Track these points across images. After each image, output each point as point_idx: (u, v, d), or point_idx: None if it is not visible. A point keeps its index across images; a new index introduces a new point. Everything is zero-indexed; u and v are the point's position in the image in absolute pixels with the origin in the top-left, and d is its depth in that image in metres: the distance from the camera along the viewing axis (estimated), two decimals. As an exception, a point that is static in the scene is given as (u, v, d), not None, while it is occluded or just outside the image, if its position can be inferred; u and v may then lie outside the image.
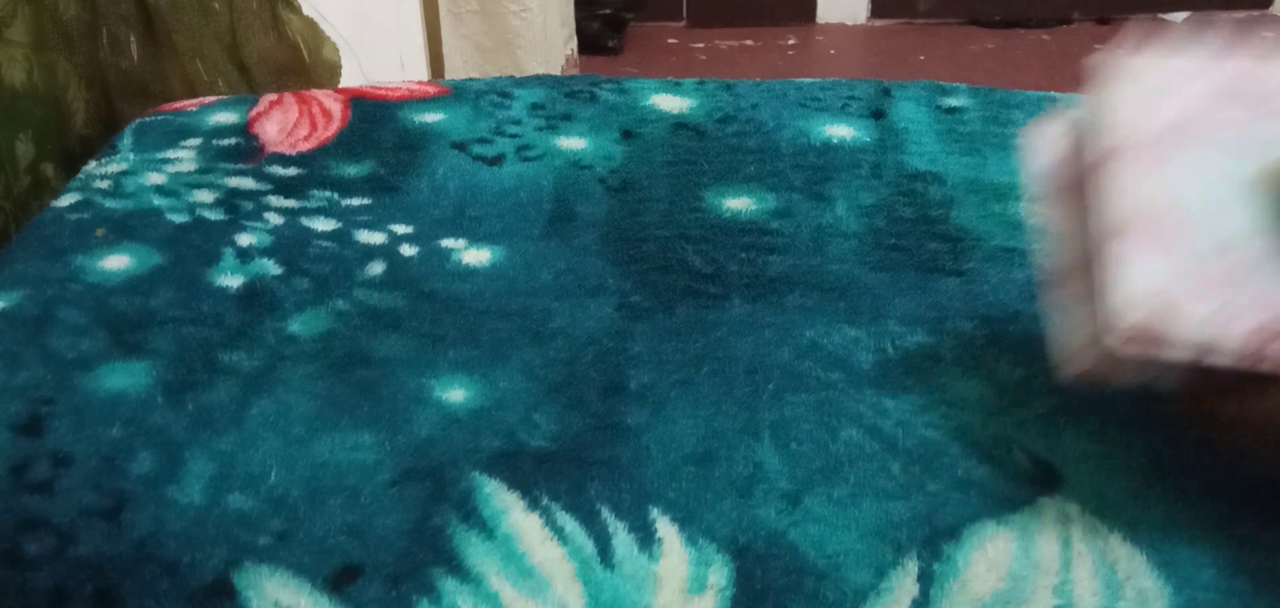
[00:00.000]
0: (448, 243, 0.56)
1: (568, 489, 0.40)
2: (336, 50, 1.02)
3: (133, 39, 0.82)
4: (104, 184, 0.63)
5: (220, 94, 0.85)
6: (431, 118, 0.70)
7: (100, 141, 0.71)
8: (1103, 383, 0.37)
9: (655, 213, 0.59)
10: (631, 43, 2.73)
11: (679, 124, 0.69)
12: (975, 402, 0.44)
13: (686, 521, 0.38)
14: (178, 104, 0.73)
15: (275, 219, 0.58)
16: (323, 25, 1.01)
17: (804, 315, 0.50)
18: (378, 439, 0.42)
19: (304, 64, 0.97)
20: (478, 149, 0.66)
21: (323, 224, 0.58)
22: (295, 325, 0.49)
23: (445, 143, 0.67)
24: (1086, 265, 0.36)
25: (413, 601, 0.35)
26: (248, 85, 0.92)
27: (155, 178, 0.63)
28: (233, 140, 0.68)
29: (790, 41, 2.79)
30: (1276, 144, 0.35)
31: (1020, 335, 0.48)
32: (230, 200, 0.60)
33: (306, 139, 0.68)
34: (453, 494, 0.39)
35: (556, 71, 2.09)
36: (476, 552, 0.37)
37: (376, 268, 0.54)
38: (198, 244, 0.56)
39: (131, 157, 0.66)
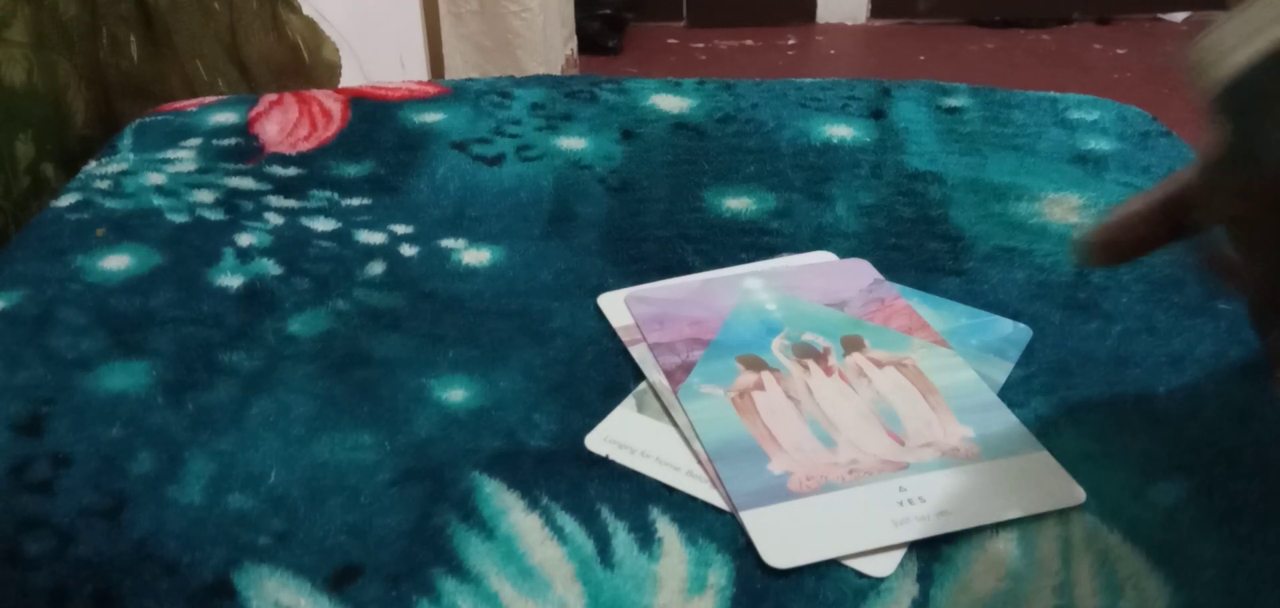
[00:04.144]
0: (448, 243, 0.56)
1: (568, 489, 0.40)
2: (336, 50, 1.02)
3: (133, 39, 0.82)
4: (104, 184, 0.63)
5: (220, 94, 0.85)
6: (431, 118, 0.70)
7: (100, 142, 0.71)
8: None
9: (655, 213, 0.59)
10: (631, 43, 2.73)
11: (679, 124, 0.69)
12: (975, 402, 0.44)
13: (686, 521, 0.38)
14: (178, 104, 0.73)
15: (275, 219, 0.58)
16: (323, 25, 1.01)
17: (804, 315, 0.50)
18: (378, 439, 0.42)
19: (304, 64, 0.97)
20: (478, 149, 0.66)
21: (323, 224, 0.58)
22: (295, 325, 0.49)
23: (445, 143, 0.67)
24: None
25: (413, 601, 0.35)
26: (248, 85, 0.92)
27: (155, 178, 0.63)
28: (233, 140, 0.68)
29: (790, 41, 2.79)
30: None
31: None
32: (230, 200, 0.60)
33: (306, 139, 0.68)
34: (453, 494, 0.39)
35: (556, 71, 2.09)
36: (476, 552, 0.37)
37: (376, 268, 0.54)
38: (198, 244, 0.56)
39: (131, 157, 0.66)
